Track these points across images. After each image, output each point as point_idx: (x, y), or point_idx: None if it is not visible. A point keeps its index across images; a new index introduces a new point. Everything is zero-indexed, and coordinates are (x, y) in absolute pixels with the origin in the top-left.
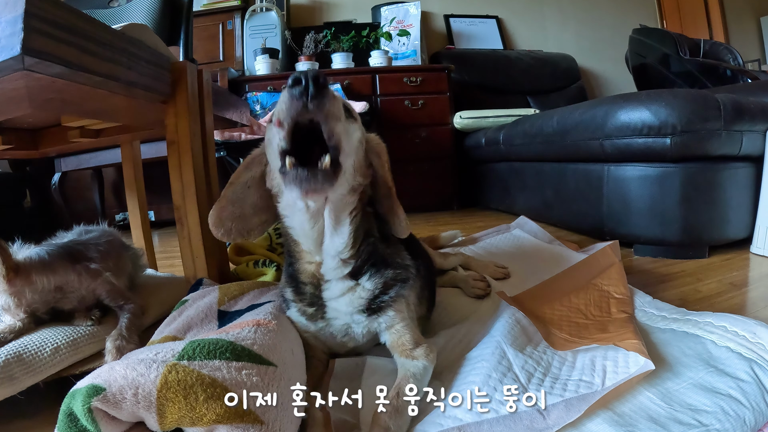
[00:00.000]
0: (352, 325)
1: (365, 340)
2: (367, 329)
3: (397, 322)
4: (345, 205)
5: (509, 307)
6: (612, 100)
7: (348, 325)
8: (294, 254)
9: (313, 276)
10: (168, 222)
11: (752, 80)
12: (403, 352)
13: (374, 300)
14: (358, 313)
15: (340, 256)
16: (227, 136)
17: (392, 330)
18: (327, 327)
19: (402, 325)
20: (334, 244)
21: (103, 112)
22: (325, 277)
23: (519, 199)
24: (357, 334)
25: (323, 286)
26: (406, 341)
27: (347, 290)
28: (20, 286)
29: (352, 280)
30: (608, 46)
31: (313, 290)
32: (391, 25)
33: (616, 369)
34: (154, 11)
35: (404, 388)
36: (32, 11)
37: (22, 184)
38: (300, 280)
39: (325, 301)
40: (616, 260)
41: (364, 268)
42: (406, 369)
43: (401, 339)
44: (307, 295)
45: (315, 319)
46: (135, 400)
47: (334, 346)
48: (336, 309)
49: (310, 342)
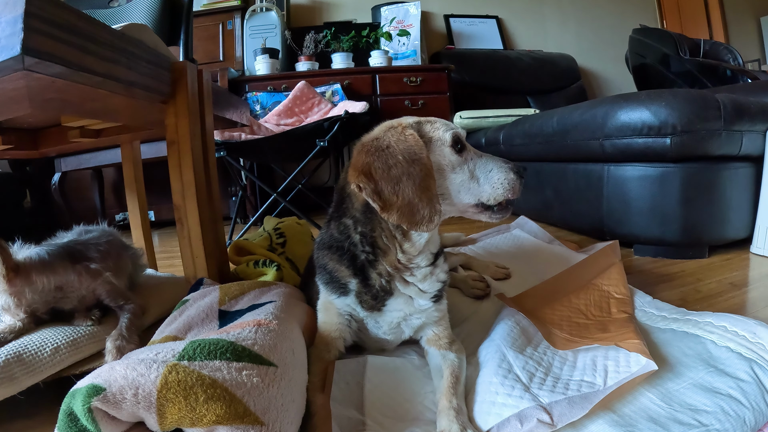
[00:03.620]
0: (412, 316)
1: (409, 335)
2: (421, 322)
3: (444, 317)
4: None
5: (509, 309)
6: (612, 100)
7: (404, 316)
8: (381, 248)
9: (396, 267)
10: (168, 222)
11: (752, 80)
12: (441, 347)
13: (443, 285)
14: (427, 299)
15: (432, 251)
16: (227, 136)
17: (438, 326)
18: (378, 316)
19: (446, 324)
20: (429, 246)
21: (103, 112)
22: (419, 264)
23: (519, 199)
24: (409, 326)
25: (408, 272)
26: (445, 337)
27: (429, 274)
28: (20, 286)
29: (432, 265)
30: (608, 46)
31: (386, 282)
32: (391, 25)
33: (618, 369)
34: (154, 11)
35: (458, 374)
36: (32, 11)
37: (22, 184)
38: (376, 270)
39: (396, 289)
40: (616, 260)
41: (437, 255)
42: (451, 359)
43: (443, 334)
44: (376, 286)
45: (372, 309)
46: (135, 400)
47: (369, 333)
48: (405, 295)
49: (336, 331)
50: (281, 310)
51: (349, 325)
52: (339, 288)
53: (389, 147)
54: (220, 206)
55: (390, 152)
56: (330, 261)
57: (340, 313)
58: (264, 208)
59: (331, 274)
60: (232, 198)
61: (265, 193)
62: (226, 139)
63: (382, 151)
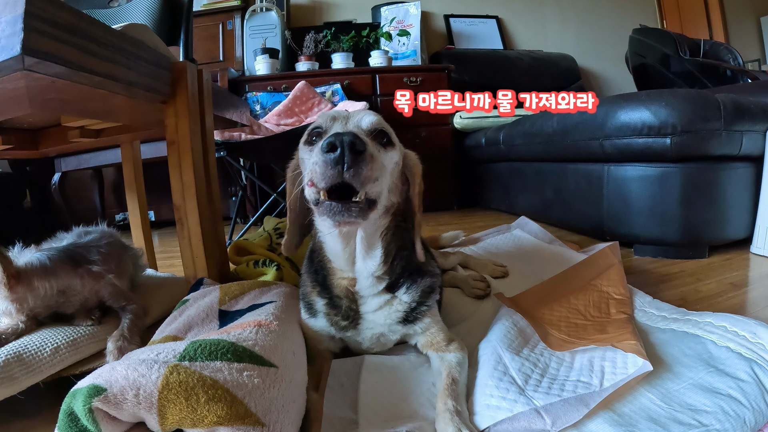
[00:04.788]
0: (387, 334)
1: (393, 344)
2: (400, 335)
3: (432, 326)
4: (377, 229)
5: (507, 309)
6: (612, 100)
7: (381, 333)
8: (327, 269)
9: (348, 291)
10: (168, 222)
11: (752, 80)
12: (439, 349)
13: (411, 312)
14: (396, 324)
15: (375, 274)
16: (227, 136)
17: (427, 333)
18: (356, 335)
19: (436, 328)
20: (366, 266)
21: (103, 112)
22: (360, 293)
23: (519, 199)
24: (388, 339)
25: (360, 301)
26: (441, 340)
27: (384, 304)
28: (22, 292)
29: (389, 293)
30: (608, 46)
31: (349, 303)
32: (391, 25)
33: (615, 370)
34: (154, 11)
35: (456, 375)
36: (32, 11)
37: (22, 184)
38: (334, 293)
39: (362, 314)
40: (616, 261)
41: (400, 281)
42: (448, 360)
43: (436, 338)
44: (342, 309)
45: (347, 330)
46: (136, 400)
47: (355, 349)
48: (373, 321)
49: (321, 345)
50: (281, 310)
51: (331, 340)
52: (308, 308)
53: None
54: (220, 206)
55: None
56: (305, 274)
57: (318, 333)
58: (264, 208)
59: (304, 290)
60: (232, 198)
61: (265, 193)
62: (226, 139)
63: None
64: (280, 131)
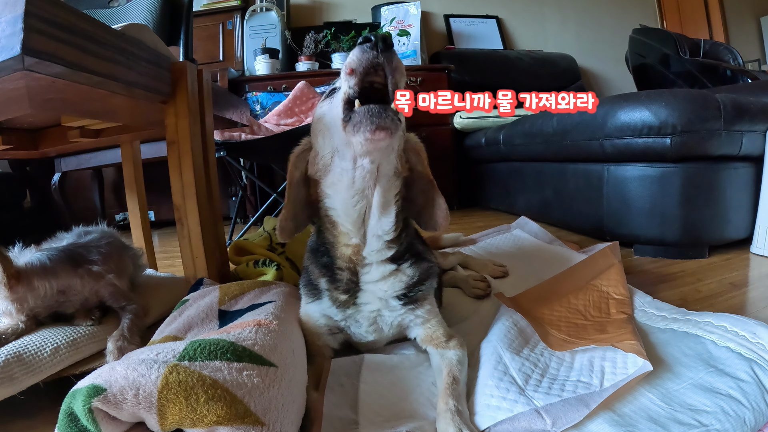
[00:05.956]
0: (384, 312)
1: (391, 333)
2: (399, 321)
3: (432, 317)
4: (392, 186)
5: (507, 309)
6: (612, 100)
7: (378, 311)
8: (329, 241)
9: (350, 260)
10: (168, 222)
11: (752, 80)
12: (439, 345)
13: (413, 287)
14: (395, 299)
15: (385, 237)
16: (227, 136)
17: (428, 325)
18: (356, 314)
19: (436, 321)
20: (381, 224)
21: (103, 112)
22: (366, 260)
23: (519, 199)
24: (386, 323)
25: (362, 270)
26: (441, 335)
27: (389, 274)
28: (22, 292)
29: (394, 263)
30: (608, 46)
31: (350, 275)
32: (391, 25)
33: (615, 370)
34: (154, 11)
35: (457, 374)
36: (32, 11)
37: (22, 184)
38: (336, 266)
39: (362, 285)
40: (616, 261)
41: (405, 255)
42: (448, 358)
43: (436, 333)
44: (344, 281)
45: (346, 306)
46: (136, 400)
47: (353, 337)
48: (372, 292)
49: (321, 339)
50: (281, 309)
51: (331, 332)
52: (313, 290)
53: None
54: (220, 206)
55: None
56: (308, 263)
57: (318, 324)
58: (264, 208)
59: (308, 276)
60: (232, 198)
61: (265, 193)
62: (226, 139)
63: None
64: (280, 131)
